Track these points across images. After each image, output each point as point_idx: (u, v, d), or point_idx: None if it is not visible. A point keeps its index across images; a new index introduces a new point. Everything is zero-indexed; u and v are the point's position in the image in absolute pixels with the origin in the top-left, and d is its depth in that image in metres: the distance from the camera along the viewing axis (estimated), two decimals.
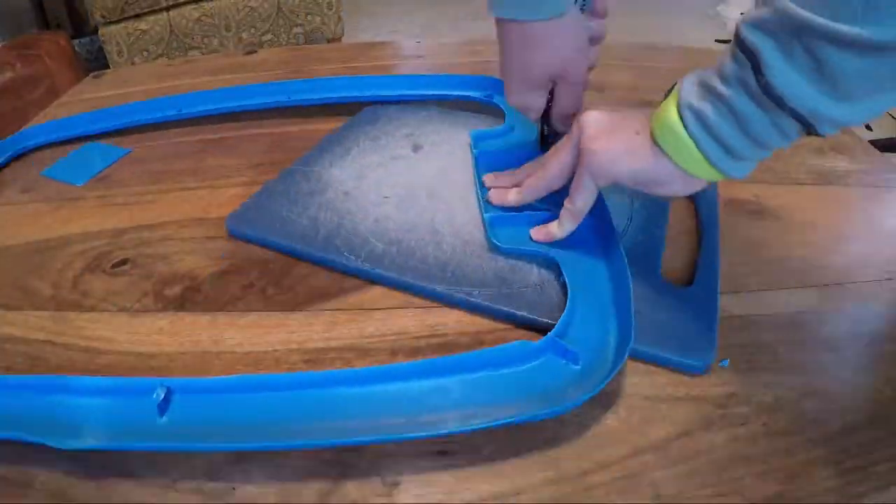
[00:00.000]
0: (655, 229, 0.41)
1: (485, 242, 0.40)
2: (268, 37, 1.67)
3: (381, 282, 0.38)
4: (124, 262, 0.41)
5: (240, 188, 0.48)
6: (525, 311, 0.35)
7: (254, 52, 0.76)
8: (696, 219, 0.43)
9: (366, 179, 0.47)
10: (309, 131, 0.55)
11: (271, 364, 0.33)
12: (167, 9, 1.51)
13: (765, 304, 0.37)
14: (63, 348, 0.34)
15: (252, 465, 0.28)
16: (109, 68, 1.15)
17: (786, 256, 0.41)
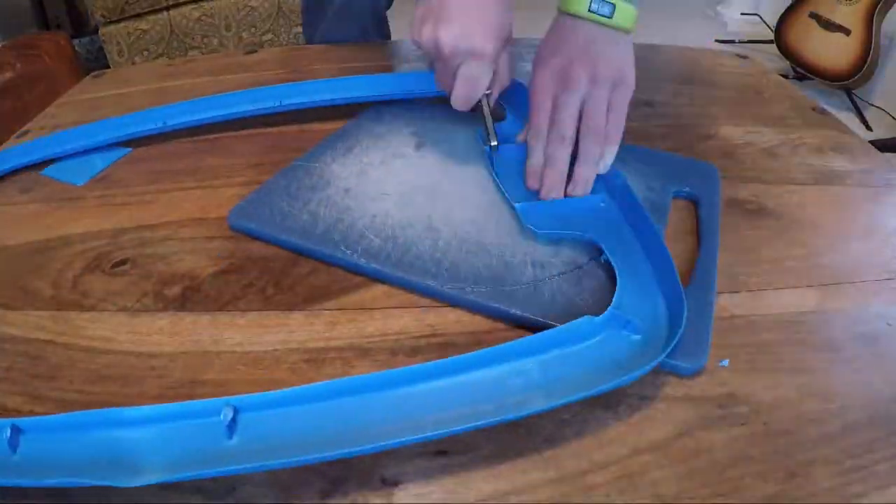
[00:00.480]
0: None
1: (481, 240, 0.40)
2: (268, 37, 1.67)
3: (376, 276, 0.38)
4: (124, 262, 0.41)
5: (239, 188, 0.48)
6: (517, 309, 0.35)
7: (254, 52, 0.76)
8: (696, 219, 0.44)
9: (366, 176, 0.47)
10: (309, 131, 0.55)
11: (271, 363, 0.33)
12: (167, 8, 1.51)
13: (765, 304, 0.37)
14: (63, 348, 0.34)
15: None
16: (109, 68, 1.15)
17: (786, 256, 0.41)
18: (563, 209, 0.43)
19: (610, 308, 0.33)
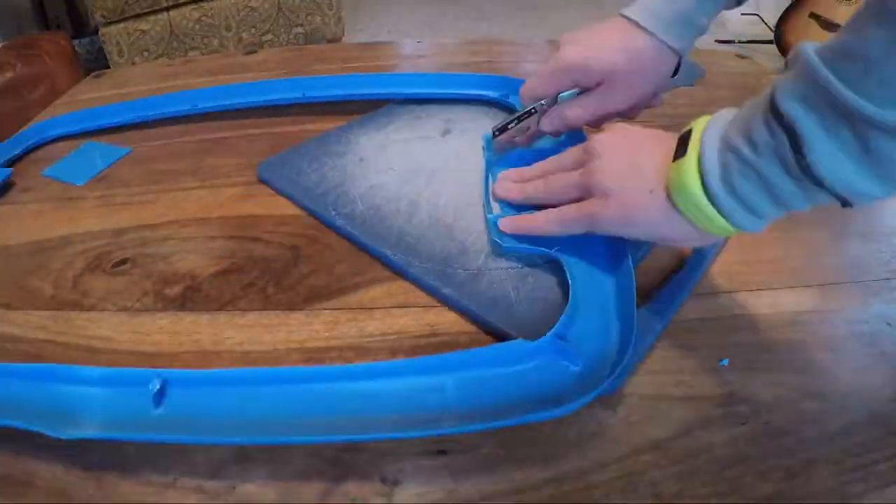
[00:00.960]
0: (633, 248, 0.38)
1: (452, 224, 0.42)
2: (268, 37, 1.67)
3: (349, 239, 0.41)
4: (124, 262, 0.41)
5: (240, 188, 0.48)
6: (449, 290, 0.36)
7: (254, 53, 0.76)
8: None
9: (385, 151, 0.50)
10: (309, 131, 0.55)
11: (272, 363, 0.33)
12: (167, 9, 1.52)
13: (765, 304, 0.37)
14: (63, 348, 0.34)
15: (252, 464, 0.28)
16: (109, 68, 1.15)
17: (786, 256, 0.41)
18: None
19: (549, 334, 0.31)
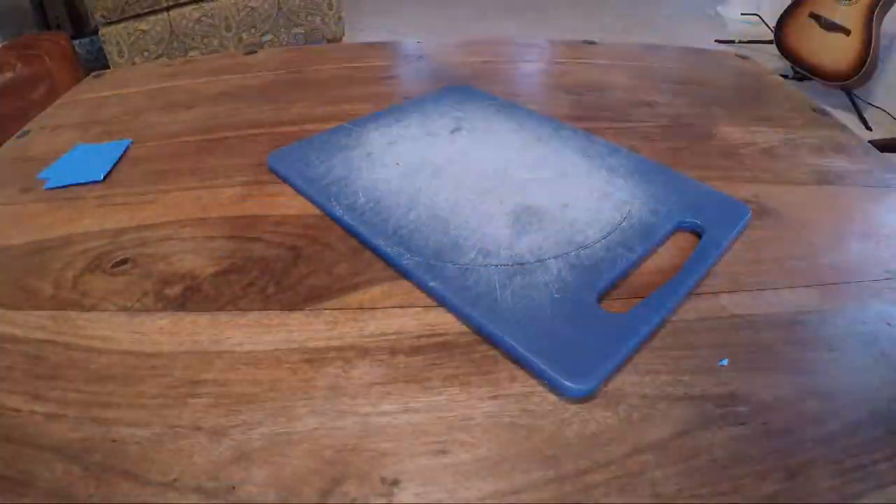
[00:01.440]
0: (626, 250, 0.39)
1: (448, 220, 0.42)
2: (268, 37, 1.67)
3: (347, 229, 0.42)
4: (124, 262, 0.41)
5: (240, 188, 0.48)
6: (435, 283, 0.36)
7: (254, 53, 0.76)
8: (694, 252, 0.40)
9: (393, 146, 0.51)
10: (309, 131, 0.55)
11: (272, 363, 0.33)
12: (167, 9, 1.52)
13: (765, 304, 0.37)
14: (63, 347, 0.34)
15: (252, 464, 0.28)
16: (109, 68, 1.15)
17: (786, 256, 0.41)
18: None
19: None
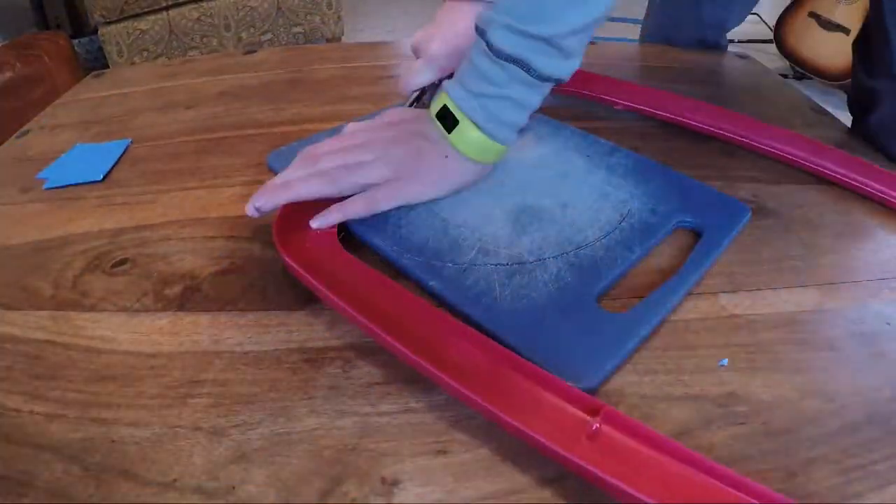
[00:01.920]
0: (625, 250, 0.39)
1: (448, 219, 0.41)
2: (267, 36, 1.67)
3: (348, 227, 0.41)
4: (124, 262, 0.41)
5: (240, 188, 0.48)
6: (435, 283, 0.36)
7: (253, 52, 0.76)
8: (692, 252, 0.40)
9: None
10: (309, 131, 0.55)
11: (272, 363, 0.33)
12: (167, 9, 1.52)
13: (765, 304, 0.37)
14: (63, 348, 0.34)
15: (252, 464, 0.28)
16: (109, 68, 1.15)
17: (786, 256, 0.41)
18: None
19: None
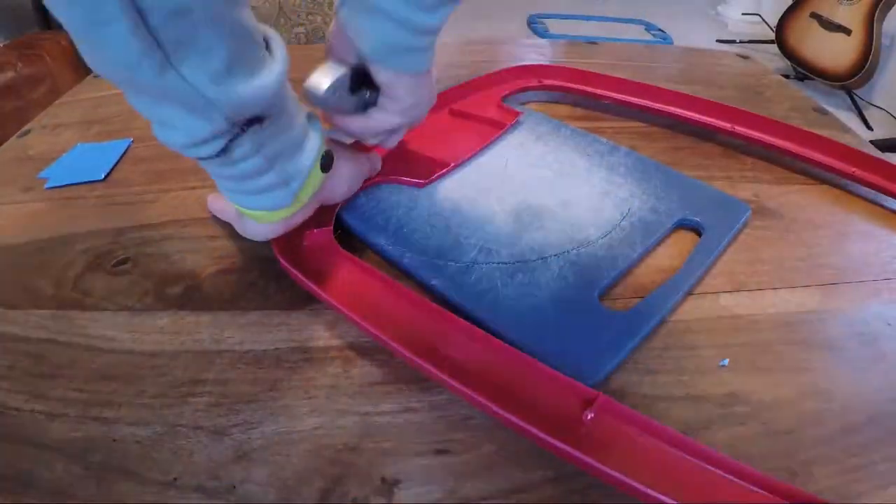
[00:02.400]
0: (626, 249, 0.40)
1: (450, 218, 0.42)
2: None
3: (349, 227, 0.42)
4: (125, 261, 0.41)
5: None
6: (437, 282, 0.36)
7: None
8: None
9: None
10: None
11: (272, 363, 0.33)
12: None
13: (765, 304, 0.37)
14: (64, 347, 0.34)
15: (252, 464, 0.28)
16: None
17: (786, 256, 0.41)
18: None
19: None
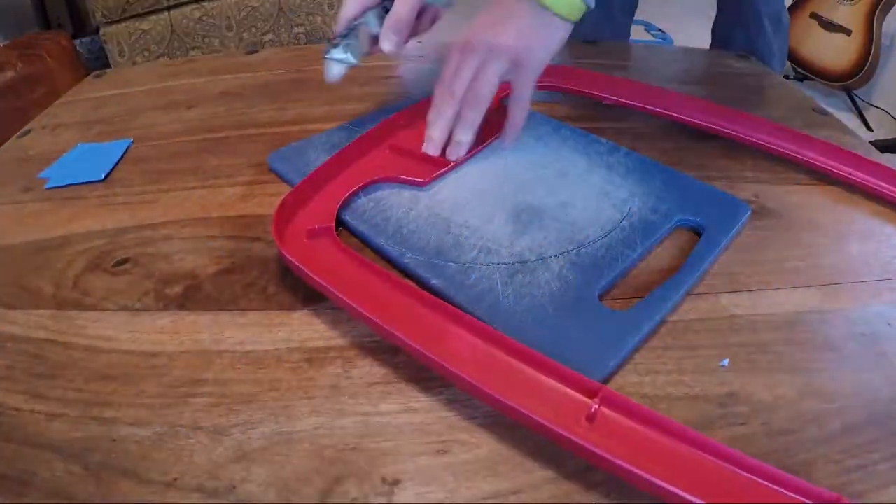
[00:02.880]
0: (626, 249, 0.39)
1: (450, 218, 0.42)
2: (269, 36, 1.67)
3: (348, 228, 0.42)
4: (125, 261, 0.41)
5: (240, 188, 0.48)
6: (437, 281, 0.36)
7: (255, 52, 0.76)
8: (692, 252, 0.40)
9: None
10: (309, 131, 0.55)
11: (273, 363, 0.33)
12: (168, 9, 1.51)
13: (765, 304, 0.37)
14: (64, 347, 0.34)
15: (252, 464, 0.28)
16: (110, 68, 1.15)
17: (786, 256, 0.41)
18: None
19: None
